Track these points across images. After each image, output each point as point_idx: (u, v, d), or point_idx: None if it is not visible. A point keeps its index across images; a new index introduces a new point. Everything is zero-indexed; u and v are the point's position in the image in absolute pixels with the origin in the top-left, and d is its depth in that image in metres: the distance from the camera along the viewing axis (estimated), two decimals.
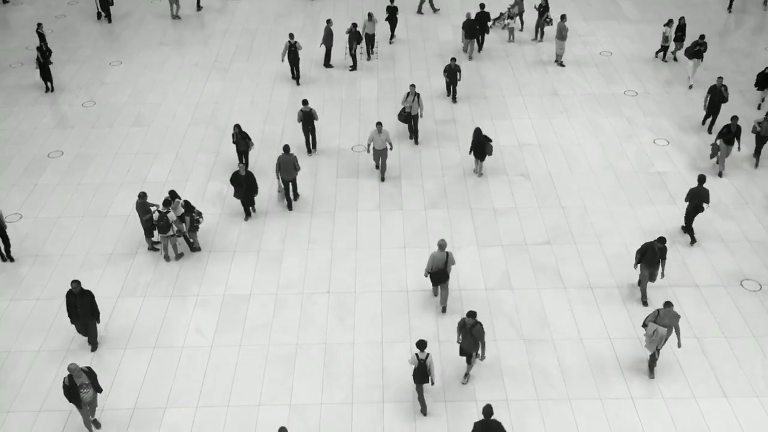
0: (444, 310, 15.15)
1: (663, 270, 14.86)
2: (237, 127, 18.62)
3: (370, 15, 24.53)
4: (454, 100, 22.48)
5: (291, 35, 22.99)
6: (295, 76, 23.78)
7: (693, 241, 16.68)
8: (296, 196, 18.50)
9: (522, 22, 27.12)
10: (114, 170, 19.81)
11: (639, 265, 15.38)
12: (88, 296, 13.84)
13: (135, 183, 19.28)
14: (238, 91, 23.58)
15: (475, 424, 11.41)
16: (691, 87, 22.97)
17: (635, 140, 20.67)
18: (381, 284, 15.92)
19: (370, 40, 24.87)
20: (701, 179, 16.47)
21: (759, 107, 21.91)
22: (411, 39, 26.82)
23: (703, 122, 21.07)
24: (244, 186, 17.04)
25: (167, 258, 16.60)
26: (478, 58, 25.28)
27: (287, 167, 17.73)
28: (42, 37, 24.55)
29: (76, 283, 13.70)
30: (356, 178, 19.29)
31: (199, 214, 16.68)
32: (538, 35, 26.36)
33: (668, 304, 12.92)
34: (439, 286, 15.17)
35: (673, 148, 20.30)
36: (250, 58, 25.66)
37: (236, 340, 14.65)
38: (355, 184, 19.09)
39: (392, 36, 26.40)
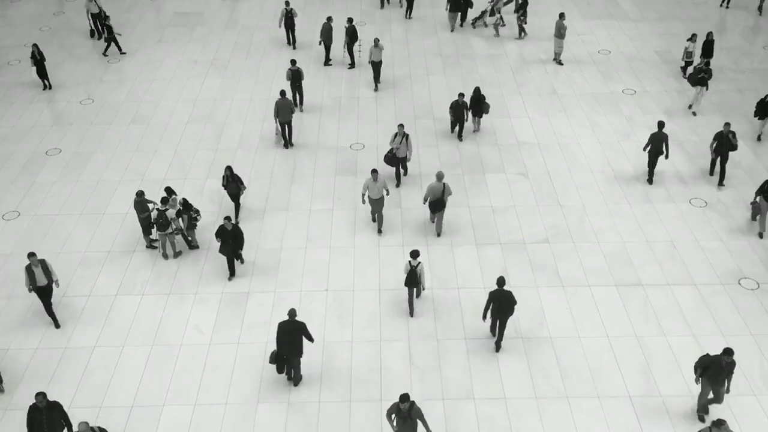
0: (439, 234, 17.16)
1: (729, 386, 12.47)
2: (228, 169, 16.98)
3: (376, 41, 22.34)
4: (460, 137, 20.57)
5: (287, 2, 24.19)
6: (291, 41, 25.45)
7: (651, 180, 18.69)
8: (291, 143, 20.42)
9: (502, 18, 27.08)
10: (112, 168, 19.79)
11: (700, 380, 12.74)
12: (57, 410, 11.62)
13: (133, 180, 19.27)
14: (237, 88, 23.56)
15: (491, 293, 13.72)
16: (694, 114, 21.54)
17: (634, 139, 20.68)
18: (379, 282, 15.92)
19: (376, 68, 22.79)
20: (660, 125, 18.29)
21: (759, 138, 20.33)
22: (409, 38, 26.80)
23: (711, 171, 18.93)
24: (231, 241, 15.45)
25: (165, 256, 16.60)
26: (477, 57, 25.27)
27: (284, 111, 19.95)
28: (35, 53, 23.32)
29: (41, 396, 11.39)
30: (354, 176, 19.29)
31: (197, 212, 16.67)
32: (521, 33, 26.48)
33: (720, 423, 10.86)
34: (435, 214, 16.97)
35: (672, 146, 20.31)
36: (249, 55, 25.63)
37: (234, 337, 14.65)
38: (353, 181, 19.09)
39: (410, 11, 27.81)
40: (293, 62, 21.55)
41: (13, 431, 12.88)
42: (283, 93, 19.85)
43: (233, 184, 17.21)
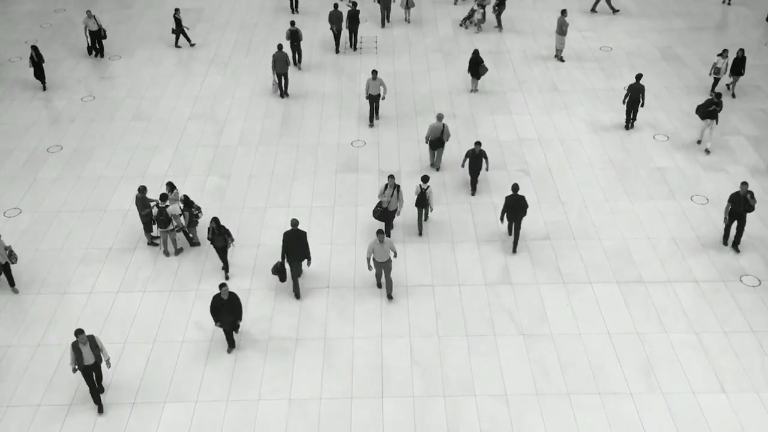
0: (438, 169, 19.02)
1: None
2: (215, 221, 15.20)
3: (374, 73, 20.51)
4: (473, 192, 18.33)
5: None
6: (294, 6, 26.74)
7: (629, 125, 19.88)
8: (286, 93, 22.28)
9: (484, 15, 27.05)
10: (113, 165, 19.79)
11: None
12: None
13: (134, 177, 19.27)
14: (238, 85, 23.55)
15: (507, 197, 15.81)
16: (707, 152, 19.68)
17: (634, 135, 20.66)
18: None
19: (374, 101, 20.92)
20: (638, 77, 19.80)
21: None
22: (410, 33, 26.77)
23: (725, 240, 16.58)
24: (228, 312, 13.70)
25: (167, 253, 16.60)
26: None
27: (281, 63, 21.79)
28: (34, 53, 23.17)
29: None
30: (355, 173, 19.28)
31: (199, 209, 16.66)
32: (498, 24, 26.76)
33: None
34: (435, 151, 18.81)
35: (673, 143, 20.29)
36: (249, 52, 25.61)
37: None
38: (354, 178, 19.08)
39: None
40: (292, 23, 23.54)
41: (14, 430, 12.90)
42: (280, 46, 21.65)
43: (220, 237, 15.35)
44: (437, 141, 18.53)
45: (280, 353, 14.23)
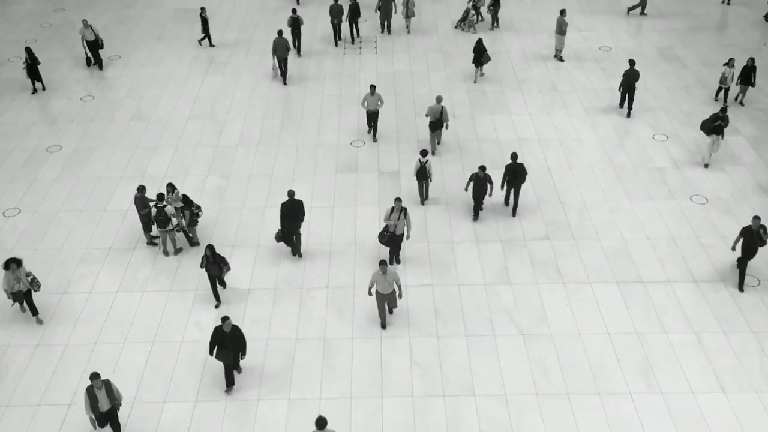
0: (433, 153, 19.76)
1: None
2: (210, 248, 14.42)
3: (372, 88, 19.65)
4: (476, 218, 17.56)
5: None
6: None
7: (624, 108, 20.67)
8: (285, 79, 23.13)
9: (480, 14, 27.04)
10: (113, 164, 19.79)
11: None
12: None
13: (134, 177, 19.26)
14: (237, 85, 23.55)
15: (507, 165, 16.83)
16: (706, 166, 19.06)
17: (634, 135, 20.66)
18: None
19: (372, 118, 20.21)
20: (632, 62, 20.72)
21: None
22: (410, 34, 26.76)
23: (741, 285, 15.31)
24: (230, 346, 12.85)
25: (166, 253, 16.60)
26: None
27: (281, 48, 22.72)
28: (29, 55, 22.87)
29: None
30: (355, 173, 19.28)
31: (198, 208, 16.66)
32: (494, 23, 26.84)
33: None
34: (434, 132, 19.50)
35: (672, 143, 20.30)
36: (249, 52, 25.61)
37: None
38: (354, 178, 19.08)
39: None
40: (294, 11, 24.30)
41: (14, 430, 12.90)
42: (280, 32, 22.55)
43: (215, 266, 14.59)
44: (437, 122, 19.25)
45: (280, 353, 14.23)
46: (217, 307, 15.16)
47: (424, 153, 17.35)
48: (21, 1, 29.91)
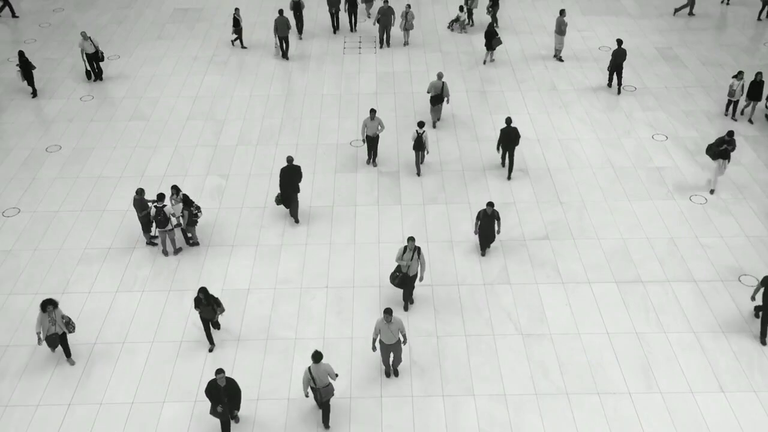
0: (434, 125, 20.99)
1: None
2: (202, 291, 13.50)
3: (372, 112, 18.72)
4: (483, 253, 16.53)
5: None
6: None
7: (612, 87, 21.65)
8: (287, 56, 24.40)
9: (472, 19, 27.05)
10: (112, 164, 19.79)
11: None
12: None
13: (133, 177, 19.27)
14: (237, 84, 23.55)
15: (501, 129, 18.13)
16: (712, 192, 18.23)
17: (634, 135, 20.67)
18: (379, 279, 15.92)
19: (372, 144, 19.19)
20: (620, 42, 21.58)
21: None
22: (410, 34, 26.76)
23: (763, 337, 14.26)
24: (225, 399, 11.99)
25: (165, 252, 16.60)
26: (477, 54, 25.25)
27: (282, 27, 23.84)
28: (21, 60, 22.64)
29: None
30: (354, 173, 19.28)
31: (198, 208, 16.66)
32: (494, 23, 26.59)
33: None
34: (435, 106, 20.57)
35: (672, 143, 20.31)
36: (249, 51, 25.61)
37: (234, 334, 14.66)
38: (353, 178, 19.09)
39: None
40: None
41: (13, 428, 12.90)
42: (281, 12, 23.67)
43: (208, 308, 13.69)
44: (437, 97, 20.34)
45: (280, 353, 14.24)
46: (210, 350, 14.23)
47: (421, 124, 18.16)
48: (21, 1, 29.88)
